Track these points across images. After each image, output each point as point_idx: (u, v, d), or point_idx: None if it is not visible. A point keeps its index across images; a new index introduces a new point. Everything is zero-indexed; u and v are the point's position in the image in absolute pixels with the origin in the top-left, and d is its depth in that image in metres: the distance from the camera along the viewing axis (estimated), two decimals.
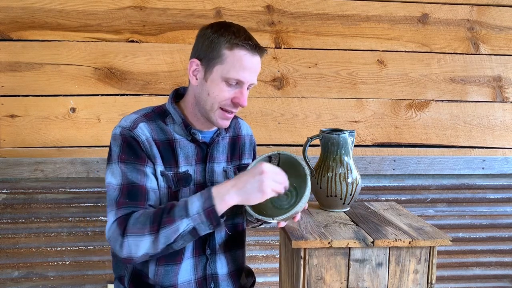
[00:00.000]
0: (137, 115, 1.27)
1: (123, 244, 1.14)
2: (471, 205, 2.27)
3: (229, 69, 1.19)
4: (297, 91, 2.12)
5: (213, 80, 1.21)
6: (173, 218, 1.11)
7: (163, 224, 1.11)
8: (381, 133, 2.19)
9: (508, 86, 2.23)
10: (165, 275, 1.25)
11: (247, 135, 1.45)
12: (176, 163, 1.26)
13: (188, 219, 1.10)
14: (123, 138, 1.22)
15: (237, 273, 1.38)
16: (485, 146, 2.24)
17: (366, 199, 2.17)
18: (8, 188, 1.99)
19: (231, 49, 1.19)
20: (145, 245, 1.12)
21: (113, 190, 1.20)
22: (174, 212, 1.12)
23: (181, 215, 1.11)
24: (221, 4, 2.03)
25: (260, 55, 1.24)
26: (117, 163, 1.21)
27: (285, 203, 1.28)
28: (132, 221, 1.14)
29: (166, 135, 1.26)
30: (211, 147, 1.32)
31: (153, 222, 1.12)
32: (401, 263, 1.27)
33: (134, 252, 1.14)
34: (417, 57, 2.17)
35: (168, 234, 1.11)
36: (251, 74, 1.22)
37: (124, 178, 1.19)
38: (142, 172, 1.20)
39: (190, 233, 1.12)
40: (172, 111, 1.29)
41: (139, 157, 1.21)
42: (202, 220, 1.11)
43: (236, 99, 1.22)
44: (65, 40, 1.97)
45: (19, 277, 2.04)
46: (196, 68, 1.24)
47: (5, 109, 1.97)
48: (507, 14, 2.19)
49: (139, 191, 1.19)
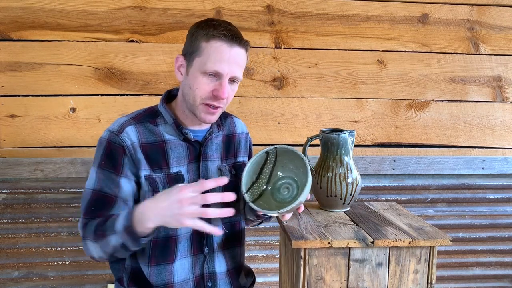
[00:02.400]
0: (127, 118, 1.28)
1: (84, 246, 1.23)
2: (471, 205, 2.27)
3: (206, 61, 1.19)
4: (297, 91, 2.12)
5: (193, 73, 1.21)
6: (104, 232, 1.16)
7: (98, 237, 1.17)
8: (381, 133, 2.19)
9: (508, 86, 2.23)
10: (158, 274, 1.25)
11: (242, 133, 1.45)
12: (166, 164, 1.26)
13: (117, 235, 1.13)
14: (107, 144, 1.24)
15: (236, 271, 1.38)
16: (485, 146, 2.24)
17: (366, 199, 2.17)
18: (8, 188, 1.99)
19: (208, 40, 1.19)
20: (94, 249, 1.20)
21: (86, 194, 1.25)
22: (106, 226, 1.16)
23: (110, 230, 1.14)
24: (221, 4, 2.03)
25: (240, 46, 1.21)
26: (97, 167, 1.24)
27: (287, 196, 1.27)
28: (88, 227, 1.21)
29: (155, 137, 1.26)
30: (204, 145, 1.31)
31: (95, 232, 1.18)
32: (401, 263, 1.27)
33: (92, 253, 1.22)
34: (417, 57, 2.17)
35: (103, 245, 1.17)
36: (230, 65, 1.19)
37: (98, 185, 1.23)
38: (116, 183, 1.22)
39: (122, 247, 1.15)
40: (163, 111, 1.30)
41: (116, 167, 1.23)
42: (126, 238, 1.12)
43: (215, 91, 1.20)
44: (65, 40, 1.97)
45: (19, 277, 2.04)
46: (181, 64, 1.26)
47: (5, 109, 1.97)
48: (507, 14, 2.19)
49: (106, 202, 1.22)
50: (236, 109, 2.05)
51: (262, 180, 1.28)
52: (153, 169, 1.24)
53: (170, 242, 1.25)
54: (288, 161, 1.24)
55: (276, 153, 1.25)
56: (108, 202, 1.22)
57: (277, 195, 1.28)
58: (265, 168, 1.28)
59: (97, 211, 1.22)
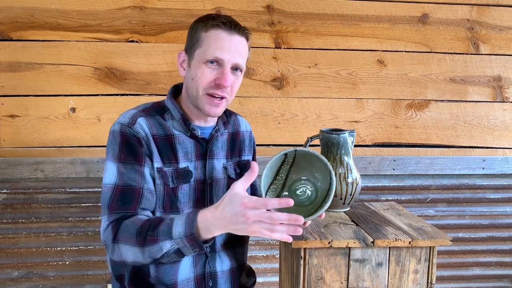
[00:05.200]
0: (136, 110, 1.27)
1: (114, 249, 1.15)
2: (471, 205, 2.27)
3: (206, 49, 1.20)
4: (297, 91, 2.12)
5: (195, 64, 1.22)
6: (157, 238, 1.09)
7: (148, 242, 1.10)
8: (381, 133, 2.19)
9: (508, 86, 2.23)
10: (165, 273, 1.25)
11: (246, 131, 1.45)
12: (175, 159, 1.25)
13: (171, 241, 1.08)
14: (122, 136, 1.21)
15: (237, 270, 1.38)
16: (485, 146, 2.24)
17: (366, 199, 2.17)
18: (8, 188, 1.99)
19: (207, 30, 1.21)
20: (133, 254, 1.13)
21: (107, 190, 1.19)
22: (159, 231, 1.10)
23: (164, 236, 1.09)
24: (221, 4, 2.03)
25: (240, 34, 1.22)
26: (116, 163, 1.20)
27: (305, 199, 1.23)
28: (122, 228, 1.14)
29: (165, 131, 1.26)
30: (210, 143, 1.31)
31: (139, 235, 1.11)
32: (401, 263, 1.27)
33: (125, 258, 1.15)
34: (417, 57, 2.17)
35: (152, 251, 1.10)
36: (231, 53, 1.20)
37: (120, 179, 1.19)
38: (140, 173, 1.20)
39: (175, 253, 1.10)
40: (171, 106, 1.30)
41: (138, 157, 1.20)
42: (185, 245, 1.08)
43: (218, 80, 1.20)
44: (65, 40, 1.97)
45: (19, 277, 2.04)
46: (183, 59, 1.27)
47: (5, 109, 1.97)
48: (507, 14, 2.19)
49: (133, 194, 1.18)
50: (236, 109, 2.05)
51: (278, 181, 1.25)
52: (164, 162, 1.24)
53: None
54: (307, 164, 1.21)
55: (294, 155, 1.23)
56: (135, 195, 1.18)
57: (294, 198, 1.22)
58: (282, 169, 1.24)
59: (125, 206, 1.17)
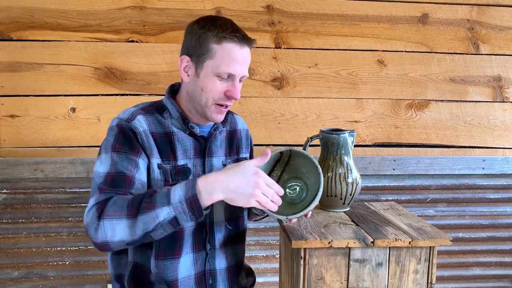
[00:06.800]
0: (135, 108, 1.28)
1: (99, 227, 1.08)
2: (471, 205, 2.27)
3: (219, 63, 1.20)
4: (297, 91, 2.12)
5: (205, 76, 1.22)
6: (153, 204, 1.06)
7: (142, 210, 1.07)
8: (381, 133, 2.19)
9: (508, 86, 2.23)
10: (165, 269, 1.25)
11: (243, 129, 1.47)
12: (174, 156, 1.26)
13: (169, 207, 1.06)
14: (119, 128, 1.22)
15: (237, 268, 1.38)
16: (485, 146, 2.24)
17: (366, 199, 2.17)
18: (8, 188, 1.99)
19: (220, 43, 1.20)
20: (121, 229, 1.08)
21: (98, 177, 1.17)
22: (156, 198, 1.07)
23: (162, 202, 1.06)
24: (221, 4, 2.03)
25: (249, 46, 1.24)
26: (109, 152, 1.20)
27: (295, 197, 1.28)
28: (110, 204, 1.10)
29: (164, 128, 1.27)
30: (209, 141, 1.32)
31: (131, 205, 1.08)
32: (401, 263, 1.26)
33: (110, 236, 1.08)
34: (417, 57, 2.17)
35: (146, 220, 1.06)
36: (242, 66, 1.23)
37: (112, 167, 1.17)
38: (134, 163, 1.19)
39: (170, 222, 1.07)
40: (169, 105, 1.30)
41: (133, 148, 1.20)
42: (184, 210, 1.06)
43: (229, 92, 1.23)
44: (65, 40, 1.97)
45: (19, 277, 2.04)
46: (187, 64, 1.26)
47: (5, 109, 1.97)
48: (507, 14, 2.19)
49: (125, 180, 1.16)
50: (236, 109, 2.05)
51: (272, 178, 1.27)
52: (162, 159, 1.25)
53: (177, 234, 1.24)
54: (300, 164, 1.25)
55: (290, 155, 1.26)
56: (127, 181, 1.16)
57: (286, 195, 1.27)
58: (277, 167, 1.29)
59: (116, 188, 1.14)
